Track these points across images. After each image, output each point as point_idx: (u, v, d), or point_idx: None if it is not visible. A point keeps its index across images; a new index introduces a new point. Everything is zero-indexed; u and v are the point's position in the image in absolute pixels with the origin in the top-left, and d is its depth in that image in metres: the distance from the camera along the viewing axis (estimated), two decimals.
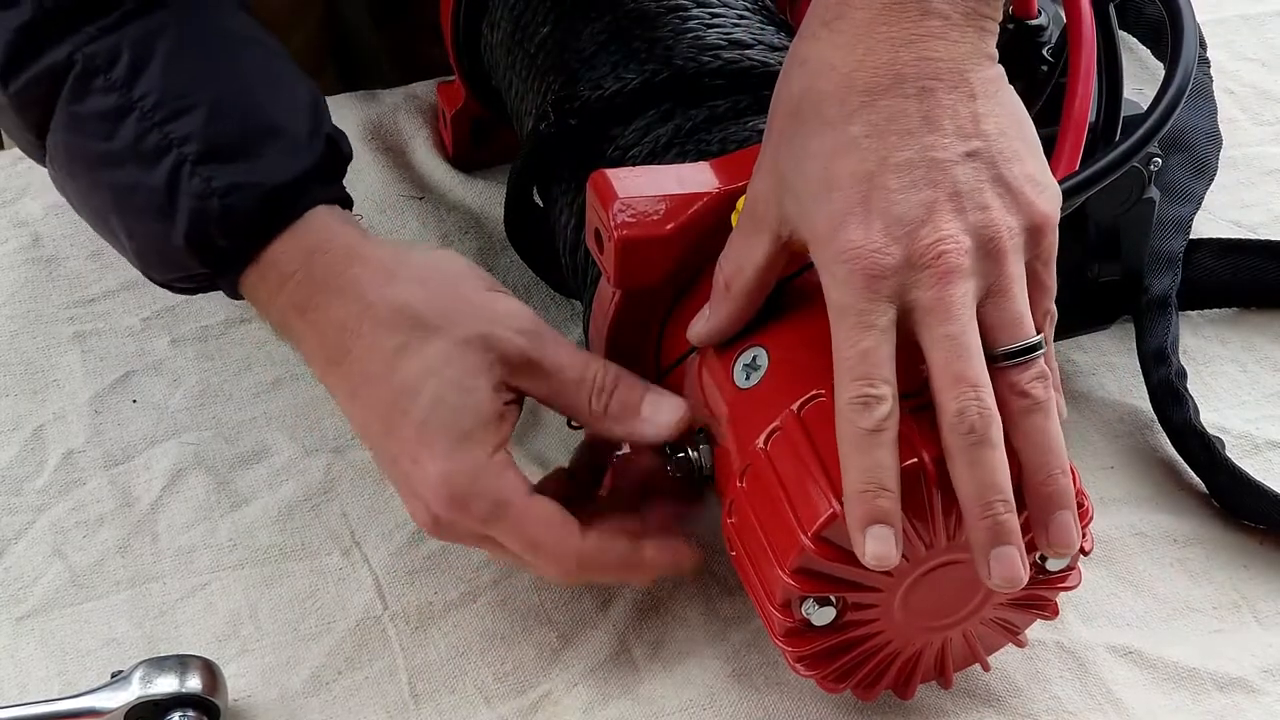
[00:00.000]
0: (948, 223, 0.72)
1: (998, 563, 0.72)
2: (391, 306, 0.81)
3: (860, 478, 0.72)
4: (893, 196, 0.72)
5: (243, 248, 0.83)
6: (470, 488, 0.79)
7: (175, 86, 0.82)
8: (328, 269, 0.83)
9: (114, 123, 0.83)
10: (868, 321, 0.72)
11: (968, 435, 0.71)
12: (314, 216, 0.84)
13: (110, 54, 0.82)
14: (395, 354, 0.81)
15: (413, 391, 0.80)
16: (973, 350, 0.72)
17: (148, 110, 0.82)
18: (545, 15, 0.97)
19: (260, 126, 0.84)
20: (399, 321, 0.81)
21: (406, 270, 0.83)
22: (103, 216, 0.87)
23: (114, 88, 0.82)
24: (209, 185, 0.82)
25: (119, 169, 0.83)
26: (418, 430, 0.80)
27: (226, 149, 0.82)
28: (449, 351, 0.80)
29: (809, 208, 0.74)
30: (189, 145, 0.82)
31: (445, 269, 0.84)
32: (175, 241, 0.83)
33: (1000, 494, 0.72)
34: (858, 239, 0.72)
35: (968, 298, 0.72)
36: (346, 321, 0.82)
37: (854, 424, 0.72)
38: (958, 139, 0.73)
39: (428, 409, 0.80)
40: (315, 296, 0.83)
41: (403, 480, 0.82)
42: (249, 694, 0.85)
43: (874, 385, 0.72)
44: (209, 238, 0.83)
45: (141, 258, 0.87)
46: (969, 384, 0.72)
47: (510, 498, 0.80)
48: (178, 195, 0.82)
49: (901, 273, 0.72)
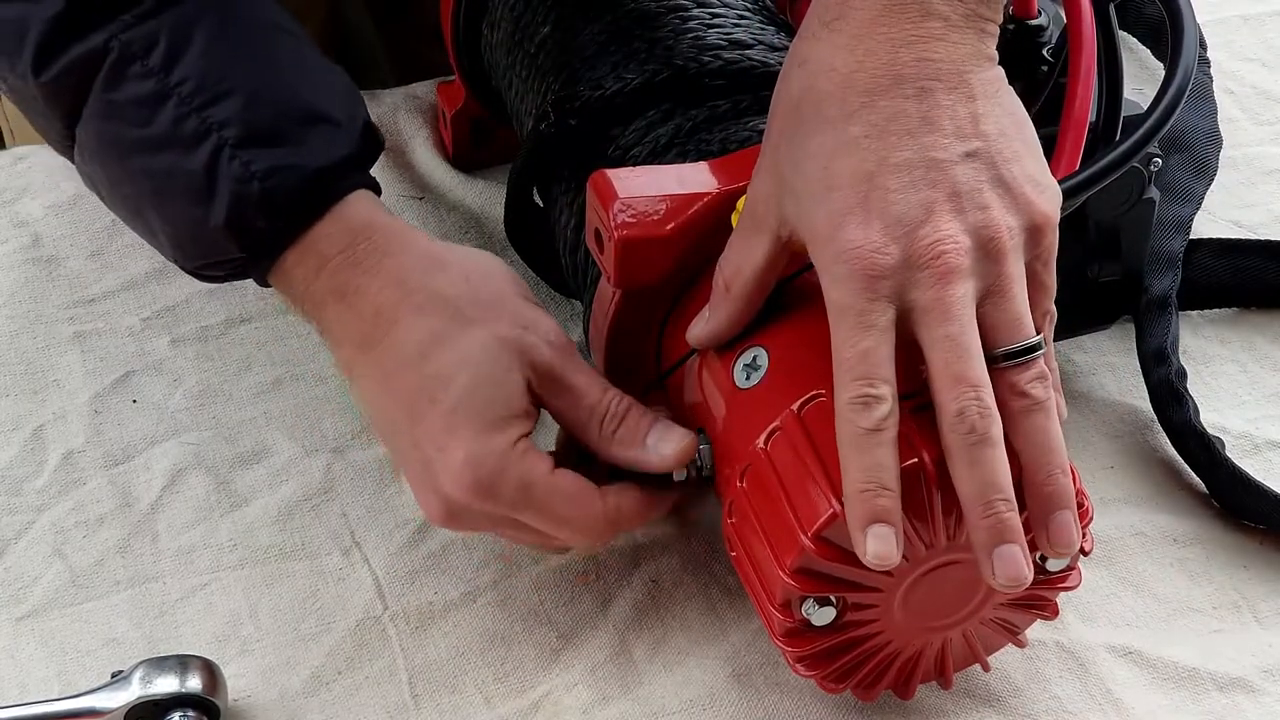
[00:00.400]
0: (947, 223, 0.72)
1: (1001, 562, 0.72)
2: (432, 295, 0.82)
3: (860, 477, 0.72)
4: (892, 196, 0.73)
5: (283, 230, 0.84)
6: (497, 473, 0.80)
7: (213, 72, 0.83)
8: (370, 253, 0.84)
9: (151, 108, 0.83)
10: (867, 321, 0.72)
11: (968, 435, 0.71)
12: (356, 200, 0.85)
13: (147, 40, 0.83)
14: (431, 342, 0.81)
15: (445, 379, 0.81)
16: (972, 350, 0.72)
17: (186, 95, 0.83)
18: (545, 15, 0.97)
19: (300, 112, 0.84)
20: (438, 310, 0.82)
21: (450, 263, 0.84)
22: (134, 204, 0.87)
23: (151, 73, 0.83)
24: (249, 169, 0.82)
25: (156, 154, 0.84)
26: (446, 417, 0.80)
27: (266, 133, 0.83)
28: (485, 343, 0.81)
29: (808, 208, 0.74)
30: (228, 129, 0.82)
31: (488, 268, 0.85)
32: (214, 223, 0.83)
33: (1001, 493, 0.72)
34: (857, 239, 0.72)
35: (967, 298, 0.72)
36: (384, 307, 0.83)
37: (854, 424, 0.72)
38: (957, 139, 0.73)
39: (459, 397, 0.80)
40: (356, 279, 0.83)
41: (423, 468, 0.82)
42: (249, 694, 0.85)
43: (873, 385, 0.72)
44: (249, 220, 0.83)
45: (176, 243, 0.87)
46: (969, 384, 0.72)
47: (535, 479, 0.81)
48: (217, 179, 0.83)
49: (900, 273, 0.72)
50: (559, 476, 0.81)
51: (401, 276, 0.83)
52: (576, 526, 0.82)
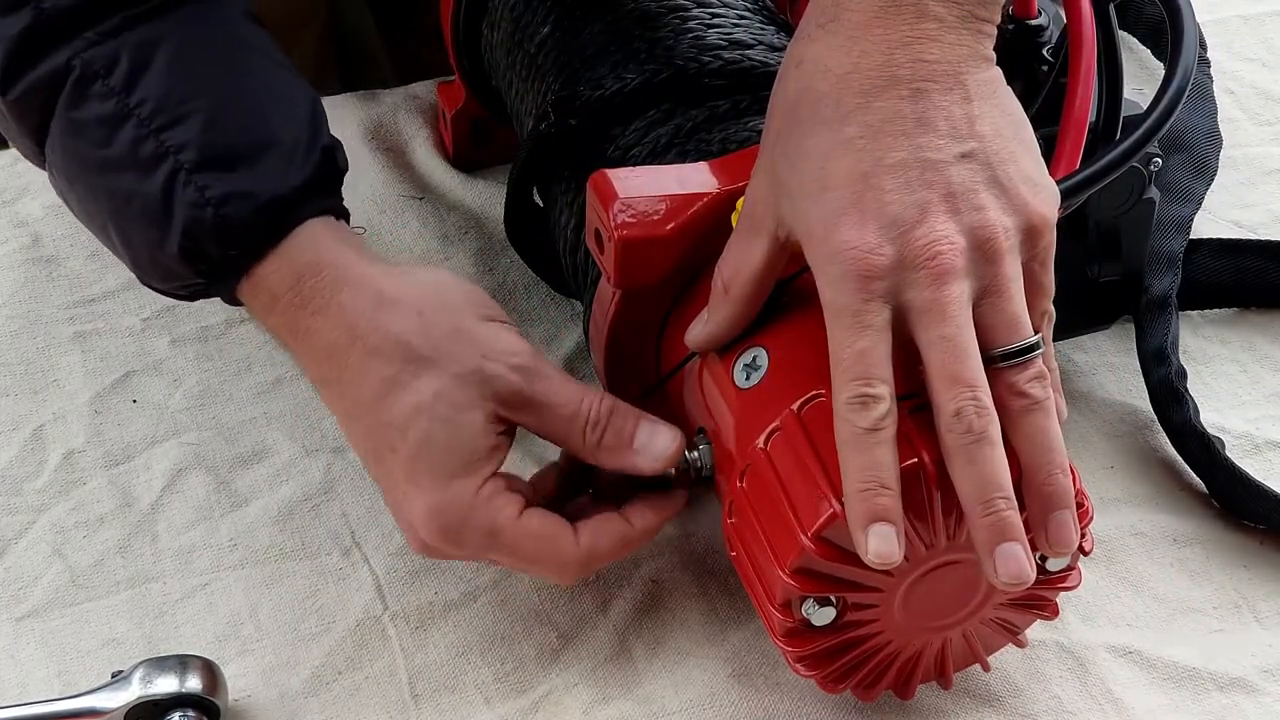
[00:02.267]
0: (943, 223, 0.72)
1: (1003, 560, 0.72)
2: (383, 336, 0.80)
3: (860, 477, 0.72)
4: (887, 197, 0.72)
5: (235, 260, 0.82)
6: (460, 522, 0.80)
7: (174, 93, 0.82)
8: (318, 291, 0.82)
9: (111, 129, 0.82)
10: (863, 322, 0.72)
11: (966, 435, 0.71)
12: (306, 232, 0.83)
13: (109, 59, 0.82)
14: (385, 386, 0.80)
15: (401, 428, 0.79)
16: (968, 351, 0.72)
17: (145, 117, 0.81)
18: (545, 15, 0.97)
19: (257, 136, 0.83)
20: (391, 352, 0.80)
21: (401, 296, 0.82)
22: (100, 223, 0.86)
23: (112, 93, 0.82)
24: (203, 195, 0.81)
25: (117, 175, 0.83)
26: (406, 466, 0.80)
27: (223, 158, 0.82)
28: (441, 387, 0.79)
29: (803, 208, 0.74)
30: (185, 153, 0.81)
31: (443, 297, 0.83)
32: (170, 250, 0.82)
33: (1001, 491, 0.72)
34: (851, 239, 0.72)
35: (963, 298, 0.72)
36: (336, 349, 0.81)
37: (852, 424, 0.72)
38: (953, 140, 0.73)
39: (416, 447, 0.79)
40: (305, 320, 0.82)
41: (395, 508, 0.83)
42: (249, 694, 0.85)
43: (871, 385, 0.72)
44: (204, 247, 0.82)
45: (138, 265, 0.86)
46: (965, 384, 0.71)
47: (501, 525, 0.80)
48: (173, 203, 0.81)
49: (895, 273, 0.72)
50: (528, 519, 0.80)
51: (351, 319, 0.81)
52: (548, 568, 0.81)
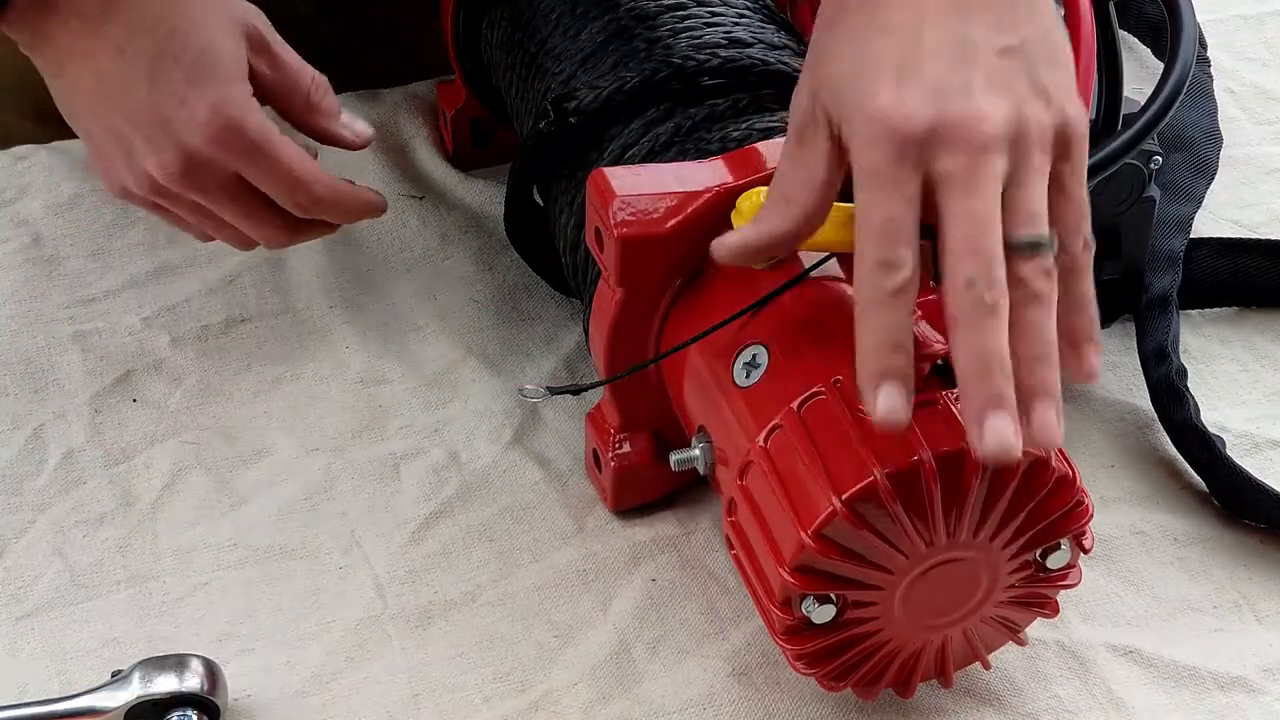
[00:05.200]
0: (983, 99, 0.71)
1: (992, 431, 0.69)
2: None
3: (875, 335, 0.70)
4: (928, 69, 0.72)
5: None
6: (240, 120, 0.88)
7: None
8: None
9: None
10: (895, 187, 0.71)
11: (974, 303, 0.69)
12: None
13: None
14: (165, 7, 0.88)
15: (184, 36, 0.88)
16: (993, 228, 0.70)
17: None
18: (545, 15, 0.97)
19: None
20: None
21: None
22: None
23: None
24: None
25: None
26: (188, 71, 0.87)
27: None
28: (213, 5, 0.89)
29: (845, 88, 0.73)
30: None
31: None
32: None
33: (1000, 362, 0.70)
34: (890, 101, 0.71)
35: (996, 175, 0.71)
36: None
37: (875, 287, 0.70)
38: (995, 32, 0.73)
39: (198, 51, 0.88)
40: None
41: (159, 129, 0.88)
42: (249, 694, 0.85)
43: (897, 249, 0.70)
44: None
45: None
46: (984, 256, 0.70)
47: (272, 131, 0.89)
48: None
49: (931, 139, 0.71)
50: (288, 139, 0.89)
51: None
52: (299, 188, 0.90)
